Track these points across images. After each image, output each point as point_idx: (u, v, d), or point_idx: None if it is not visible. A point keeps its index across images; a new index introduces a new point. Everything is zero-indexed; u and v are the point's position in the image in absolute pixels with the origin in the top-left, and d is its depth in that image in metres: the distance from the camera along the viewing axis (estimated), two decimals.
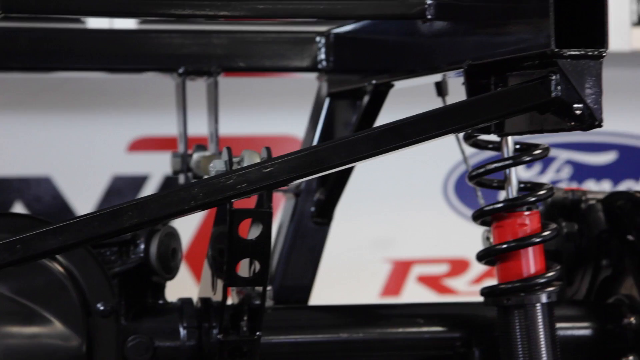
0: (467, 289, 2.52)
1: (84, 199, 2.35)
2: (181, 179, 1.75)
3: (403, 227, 2.47)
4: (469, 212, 2.46)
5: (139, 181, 2.38)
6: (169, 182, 2.37)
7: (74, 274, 1.43)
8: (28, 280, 1.40)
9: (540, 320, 1.38)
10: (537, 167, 2.60)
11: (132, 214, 1.25)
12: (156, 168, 2.37)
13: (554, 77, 1.20)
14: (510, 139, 1.40)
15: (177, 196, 1.25)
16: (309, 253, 1.74)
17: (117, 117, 2.35)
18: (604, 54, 1.19)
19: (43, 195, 2.33)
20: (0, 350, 1.36)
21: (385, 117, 1.52)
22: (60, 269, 1.43)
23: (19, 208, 2.32)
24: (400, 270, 2.50)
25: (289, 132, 2.39)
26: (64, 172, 2.34)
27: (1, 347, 1.36)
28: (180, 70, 1.72)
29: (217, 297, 1.43)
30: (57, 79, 2.27)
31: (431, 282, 2.52)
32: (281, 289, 1.70)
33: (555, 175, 2.61)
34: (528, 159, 1.39)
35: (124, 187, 2.37)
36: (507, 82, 1.28)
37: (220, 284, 1.42)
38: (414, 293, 2.50)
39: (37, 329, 1.39)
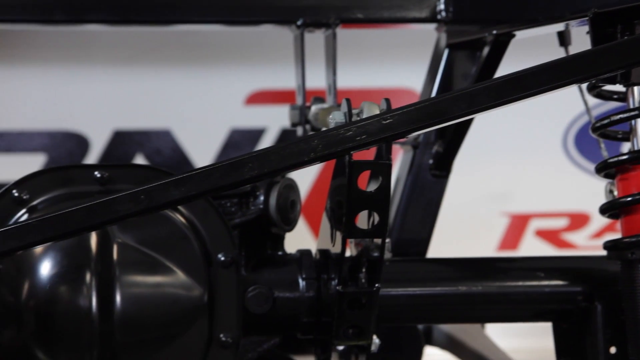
0: (587, 244, 2.48)
1: (202, 152, 2.38)
2: (299, 131, 1.75)
3: (521, 180, 2.44)
4: (589, 166, 2.42)
5: (256, 134, 2.39)
6: (285, 135, 2.38)
7: (195, 224, 1.45)
8: (151, 231, 1.43)
9: None
10: None
11: (252, 166, 1.26)
12: (273, 121, 2.38)
13: None
14: (636, 89, 1.37)
15: (296, 148, 1.26)
16: (426, 206, 1.73)
17: (235, 70, 2.37)
18: None
19: (163, 147, 2.36)
20: (125, 299, 1.38)
21: (505, 68, 1.50)
22: (182, 219, 1.44)
23: (139, 160, 2.36)
24: (517, 224, 2.47)
25: (406, 85, 2.37)
26: (183, 125, 2.37)
27: (127, 295, 1.39)
28: (299, 22, 1.72)
29: (336, 249, 1.44)
30: (176, 32, 2.29)
31: (550, 236, 2.49)
32: (399, 242, 1.70)
33: None
34: None
35: (241, 140, 2.39)
36: (634, 30, 1.25)
37: (339, 236, 1.42)
38: (531, 247, 2.47)
39: (160, 279, 1.41)
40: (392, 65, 2.36)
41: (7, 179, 2.22)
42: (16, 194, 1.43)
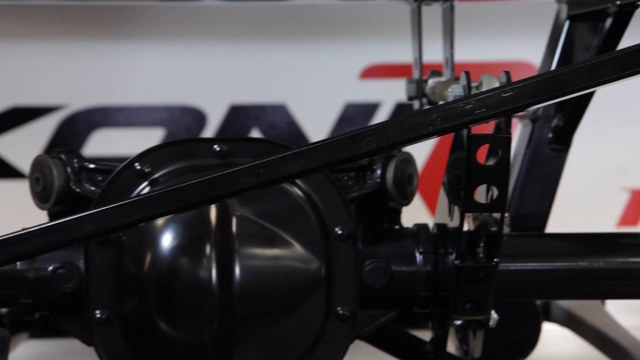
0: None
1: (317, 126, 2.38)
2: (416, 104, 1.74)
3: None
4: None
5: (371, 108, 2.39)
6: (400, 109, 2.37)
7: (313, 198, 1.45)
8: (269, 204, 1.44)
9: None
10: None
11: (370, 139, 1.25)
12: (388, 95, 2.37)
13: None
14: None
15: (415, 121, 1.25)
16: (545, 180, 1.71)
17: (350, 44, 2.36)
18: None
19: (278, 122, 2.37)
20: (245, 271, 1.40)
21: (627, 41, 1.47)
22: (299, 193, 1.45)
23: (255, 134, 2.37)
24: (639, 200, 2.43)
25: (524, 58, 2.34)
26: (298, 100, 2.37)
27: (246, 267, 1.40)
28: None
29: (454, 223, 1.43)
30: (292, 6, 2.30)
31: None
32: (517, 216, 1.68)
33: None
34: None
35: (356, 114, 2.39)
36: None
37: (457, 210, 1.41)
38: None
39: (278, 251, 1.42)
40: (510, 38, 2.33)
41: (128, 153, 2.27)
42: (138, 167, 1.45)
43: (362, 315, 1.49)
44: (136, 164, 1.46)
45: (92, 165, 1.49)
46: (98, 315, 1.43)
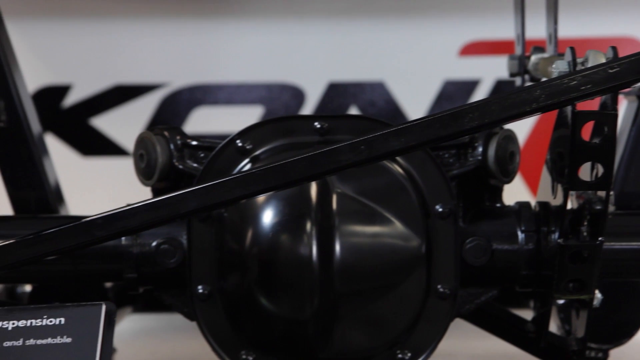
0: None
1: (415, 104, 2.37)
2: (518, 81, 1.73)
3: None
4: None
5: (470, 86, 2.37)
6: (500, 87, 2.35)
7: (413, 175, 1.45)
8: (369, 181, 1.44)
9: None
10: None
11: (472, 116, 1.24)
12: (488, 72, 2.35)
13: None
14: None
15: (518, 98, 1.24)
16: None
17: (449, 21, 2.35)
18: None
19: (377, 99, 2.37)
20: (345, 248, 1.40)
21: None
22: (400, 170, 1.45)
23: (353, 112, 2.37)
24: None
25: (629, 33, 2.30)
26: (397, 77, 2.37)
27: (346, 244, 1.40)
28: None
29: (557, 201, 1.41)
30: None
31: None
32: (622, 195, 1.65)
33: None
34: None
35: (455, 92, 2.37)
36: None
37: (560, 188, 1.39)
38: None
39: (378, 229, 1.42)
40: (615, 13, 2.29)
41: (227, 130, 2.28)
42: (240, 144, 1.46)
43: (462, 293, 1.48)
44: (238, 141, 1.46)
45: (194, 142, 1.50)
46: (200, 291, 1.45)
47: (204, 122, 2.38)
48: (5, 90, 1.61)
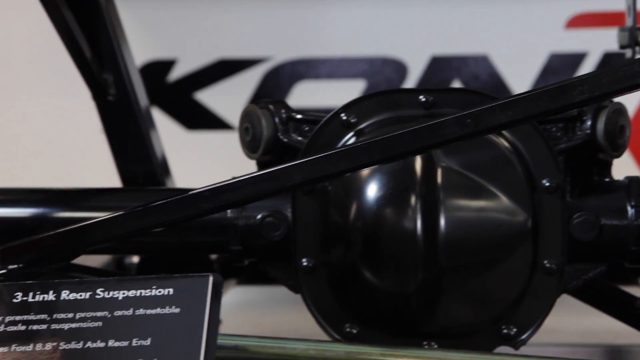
0: None
1: (519, 77, 2.34)
2: (628, 53, 1.69)
3: None
4: None
5: (577, 59, 2.33)
6: (608, 60, 2.30)
7: (519, 149, 1.43)
8: (475, 155, 1.42)
9: None
10: None
11: (582, 89, 1.22)
12: (595, 45, 2.31)
13: None
14: None
15: (630, 70, 1.22)
16: None
17: None
18: None
19: (480, 73, 2.35)
20: (450, 222, 1.39)
21: None
22: (506, 144, 1.43)
23: (456, 86, 2.35)
24: None
25: None
26: (501, 50, 2.34)
27: (451, 218, 1.39)
28: None
29: None
30: None
31: None
32: None
33: None
34: None
35: (560, 65, 2.33)
36: None
37: None
38: None
39: (484, 203, 1.41)
40: None
41: (329, 104, 2.29)
42: (344, 118, 1.46)
43: (569, 269, 1.46)
44: (342, 115, 1.47)
45: (299, 116, 1.51)
46: (305, 264, 1.46)
47: (306, 96, 2.39)
48: (114, 64, 1.64)
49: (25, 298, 1.22)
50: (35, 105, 2.38)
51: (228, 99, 2.40)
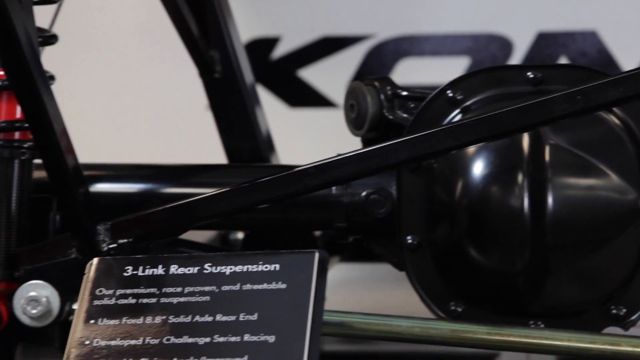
0: None
1: (630, 54, 2.30)
2: None
3: None
4: None
5: None
6: None
7: (630, 126, 1.41)
8: (584, 132, 1.40)
9: None
10: None
11: None
12: None
13: None
14: None
15: None
16: None
17: None
18: None
19: (588, 49, 2.31)
20: (558, 200, 1.38)
21: None
22: (616, 121, 1.41)
23: (563, 62, 2.32)
24: None
25: None
26: (610, 26, 2.30)
27: (559, 197, 1.38)
28: None
29: None
30: None
31: None
32: None
33: None
34: None
35: None
36: None
37: None
38: None
39: (593, 181, 1.39)
40: None
41: (433, 82, 2.27)
42: (450, 95, 1.45)
43: None
44: (448, 92, 1.45)
45: (404, 93, 1.50)
46: (409, 241, 1.45)
47: (409, 73, 2.37)
48: (220, 41, 1.65)
49: (135, 272, 1.24)
50: (142, 82, 2.41)
51: (331, 76, 2.40)
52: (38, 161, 1.41)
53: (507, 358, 1.94)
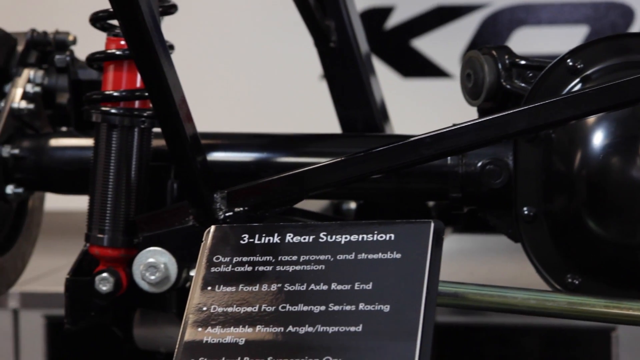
0: None
1: None
2: None
3: None
4: None
5: None
6: None
7: None
8: None
9: None
10: None
11: None
12: None
13: None
14: None
15: None
16: None
17: None
18: None
19: None
20: None
21: None
22: None
23: None
24: None
25: None
26: None
27: None
28: None
29: None
30: None
31: None
32: None
33: None
34: None
35: None
36: None
37: None
38: None
39: None
40: None
41: (550, 52, 2.24)
42: (570, 64, 1.43)
43: None
44: (568, 60, 1.43)
45: (523, 62, 1.48)
46: (526, 212, 1.43)
47: (525, 43, 2.34)
48: (336, 10, 1.65)
49: (251, 240, 1.25)
50: (257, 52, 2.42)
51: (445, 46, 2.38)
52: (157, 130, 1.43)
53: (624, 332, 1.92)
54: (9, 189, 1.53)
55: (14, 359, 2.11)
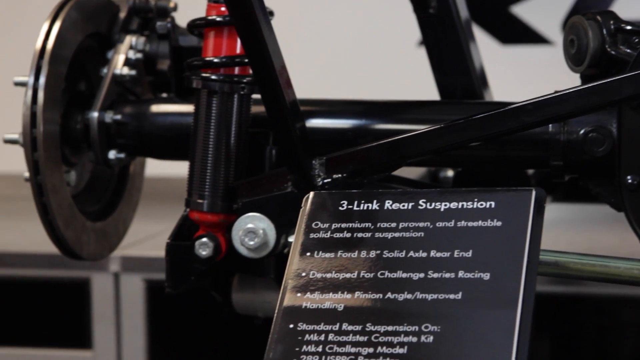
0: None
1: None
2: None
3: None
4: None
5: None
6: None
7: None
8: None
9: None
10: None
11: None
12: None
13: None
14: None
15: None
16: None
17: None
18: None
19: None
20: None
21: None
22: None
23: None
24: None
25: None
26: None
27: None
28: None
29: None
30: None
31: None
32: None
33: None
34: None
35: None
36: None
37: None
38: None
39: None
40: None
41: None
42: None
43: None
44: None
45: (629, 27, 1.44)
46: (630, 181, 1.41)
47: (628, 8, 2.29)
48: None
49: (350, 207, 1.25)
50: (351, 16, 2.41)
51: (545, 12, 2.35)
52: (256, 96, 1.44)
53: None
54: (112, 154, 1.55)
55: (115, 321, 2.15)
